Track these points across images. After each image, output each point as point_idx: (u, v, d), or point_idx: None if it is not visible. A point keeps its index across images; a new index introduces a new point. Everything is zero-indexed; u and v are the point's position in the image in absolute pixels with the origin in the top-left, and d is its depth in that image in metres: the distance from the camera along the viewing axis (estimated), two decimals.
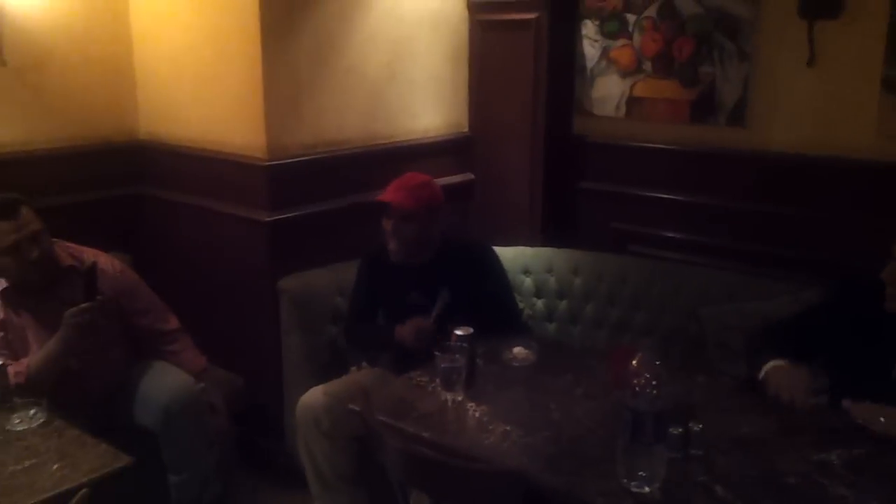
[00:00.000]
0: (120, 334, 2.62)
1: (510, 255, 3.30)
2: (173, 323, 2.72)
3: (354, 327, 2.75)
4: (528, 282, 3.31)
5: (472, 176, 3.63)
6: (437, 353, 2.04)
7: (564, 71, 3.41)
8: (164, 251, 3.32)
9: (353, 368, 2.83)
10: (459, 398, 2.03)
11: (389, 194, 2.53)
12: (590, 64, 3.38)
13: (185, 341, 2.73)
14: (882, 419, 1.82)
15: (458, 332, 2.15)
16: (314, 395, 2.57)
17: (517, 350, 2.30)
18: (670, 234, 3.27)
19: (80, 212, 3.09)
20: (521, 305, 3.22)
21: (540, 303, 3.31)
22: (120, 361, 2.62)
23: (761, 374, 2.10)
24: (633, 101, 3.28)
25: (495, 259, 2.68)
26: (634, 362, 1.68)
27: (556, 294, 3.29)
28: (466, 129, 3.64)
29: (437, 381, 2.08)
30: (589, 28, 3.36)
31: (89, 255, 2.57)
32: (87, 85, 3.17)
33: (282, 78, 2.87)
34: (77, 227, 2.91)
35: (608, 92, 3.34)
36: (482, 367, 2.22)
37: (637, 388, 1.65)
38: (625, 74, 3.28)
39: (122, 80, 3.28)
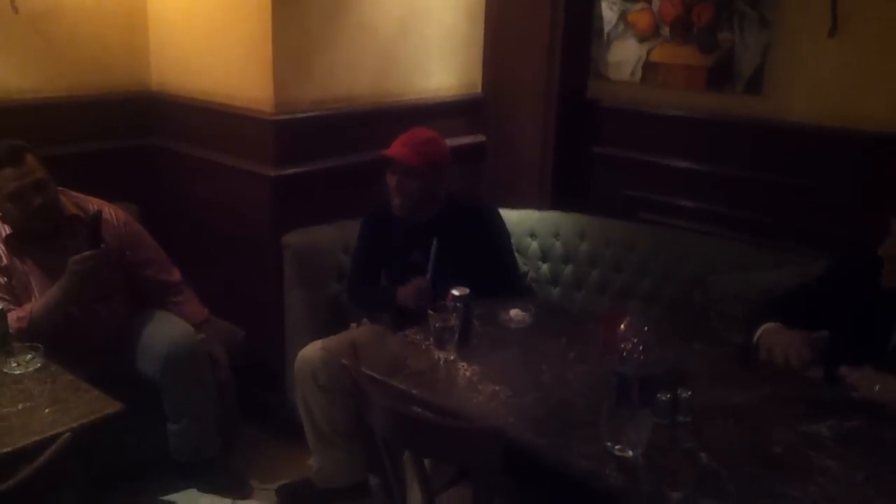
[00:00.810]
0: (123, 284, 2.64)
1: (516, 218, 3.27)
2: (176, 275, 2.74)
3: (357, 287, 2.74)
4: (533, 245, 3.29)
5: (484, 138, 3.59)
6: (430, 311, 2.03)
7: (581, 33, 3.35)
8: (171, 203, 3.34)
9: (353, 325, 2.84)
10: (452, 357, 2.03)
11: (394, 149, 2.51)
12: (607, 27, 3.31)
13: (188, 293, 2.75)
14: (878, 387, 1.79)
15: (455, 292, 2.14)
16: (312, 350, 2.58)
17: (514, 312, 2.28)
18: (682, 203, 3.22)
19: (90, 161, 3.10)
20: (525, 269, 3.20)
21: (545, 267, 3.29)
22: (122, 311, 2.64)
23: (755, 338, 2.07)
24: (649, 67, 3.22)
25: (499, 220, 2.66)
26: (622, 326, 1.66)
27: (562, 258, 3.26)
28: (479, 90, 3.59)
29: (431, 339, 2.08)
30: None
31: (94, 204, 2.58)
32: (100, 33, 3.16)
33: (292, 31, 2.84)
34: (86, 177, 2.94)
35: (624, 56, 3.28)
36: (478, 328, 2.21)
37: (624, 353, 1.63)
38: (642, 39, 3.21)
39: (135, 29, 3.27)
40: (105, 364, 2.54)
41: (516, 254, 3.16)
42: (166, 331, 2.58)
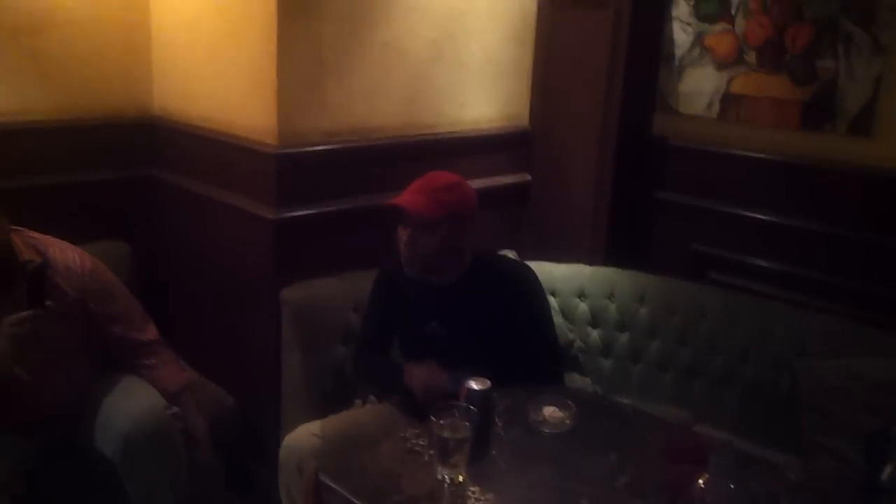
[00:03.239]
0: (84, 343, 2.22)
1: (564, 274, 2.78)
2: (151, 333, 2.31)
3: (362, 357, 2.27)
4: (582, 307, 2.78)
5: (529, 177, 3.10)
6: (432, 417, 1.54)
7: (647, 59, 2.85)
8: (165, 244, 2.93)
9: (358, 402, 2.37)
10: (460, 479, 1.53)
11: (406, 196, 2.05)
12: (679, 52, 2.80)
13: (165, 355, 2.32)
14: None
15: (473, 386, 1.65)
16: (302, 436, 2.12)
17: (549, 411, 1.78)
18: (762, 263, 2.68)
19: (79, 193, 2.74)
20: (570, 336, 2.69)
21: (595, 333, 2.77)
22: (83, 374, 2.22)
23: (886, 474, 1.54)
24: (729, 99, 2.70)
25: (538, 287, 2.15)
26: (700, 483, 1.14)
27: (616, 325, 2.75)
28: (526, 123, 3.11)
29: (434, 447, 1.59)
30: (681, 8, 2.79)
31: (55, 249, 2.17)
32: (96, 51, 2.79)
33: (301, 53, 2.41)
34: (73, 210, 2.65)
35: (699, 87, 2.76)
36: (500, 432, 1.71)
37: None
38: (722, 66, 2.70)
39: (136, 48, 2.89)
40: (59, 436, 2.18)
41: (562, 317, 2.67)
42: (129, 404, 2.15)
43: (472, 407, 1.59)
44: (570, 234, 2.98)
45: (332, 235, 2.56)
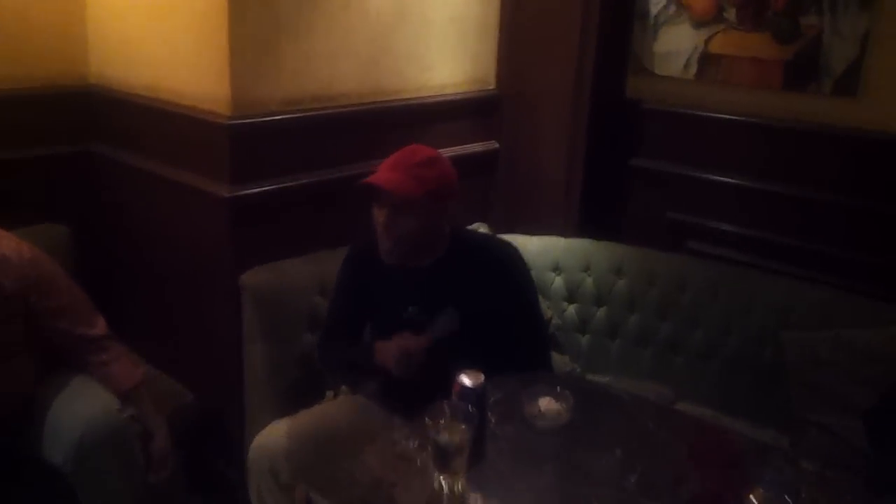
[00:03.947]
0: (26, 342, 2.01)
1: (537, 247, 2.66)
2: (100, 327, 2.10)
3: (328, 344, 2.11)
4: (558, 281, 2.66)
5: (497, 145, 2.94)
6: (427, 418, 1.39)
7: (620, 17, 2.70)
8: (110, 225, 2.70)
9: (329, 394, 2.21)
10: (459, 486, 1.40)
11: (381, 174, 1.86)
12: (654, 9, 2.67)
13: (116, 350, 2.11)
14: None
15: (466, 382, 1.51)
16: (273, 436, 1.95)
17: (545, 403, 1.65)
18: (742, 231, 2.59)
19: (8, 172, 2.49)
20: (549, 313, 2.57)
21: (572, 308, 2.66)
22: (25, 375, 2.02)
23: None
24: (707, 59, 2.57)
25: (523, 266, 2.01)
26: (753, 499, 1.02)
27: (593, 299, 2.64)
28: (493, 86, 2.94)
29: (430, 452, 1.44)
30: None
31: None
32: (24, 14, 2.51)
33: (255, 12, 2.19)
34: (4, 192, 2.41)
35: (676, 46, 2.63)
36: (493, 429, 1.58)
37: None
38: (700, 24, 2.57)
39: (68, 8, 2.61)
40: (3, 445, 1.98)
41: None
42: (81, 407, 1.97)
43: (469, 406, 1.45)
44: (541, 205, 2.85)
45: (293, 213, 2.38)
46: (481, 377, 1.53)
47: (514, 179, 2.90)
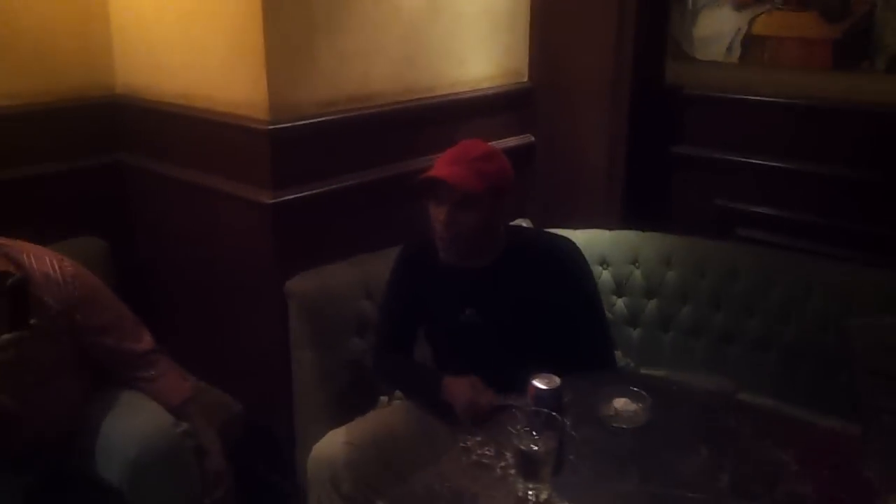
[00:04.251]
0: (73, 359, 1.96)
1: (582, 241, 2.49)
2: (147, 342, 2.05)
3: (386, 357, 2.04)
4: (605, 275, 2.60)
5: (532, 138, 2.88)
6: (510, 428, 1.34)
7: (658, 1, 2.63)
8: (146, 236, 2.65)
9: (384, 399, 2.16)
10: (545, 496, 1.34)
11: (442, 168, 1.79)
12: None
13: (164, 364, 2.07)
14: None
15: (540, 385, 1.45)
16: (332, 445, 1.89)
17: (621, 403, 1.59)
18: (794, 216, 2.51)
19: (39, 187, 2.44)
20: None
21: (621, 302, 2.59)
22: (74, 395, 1.97)
23: None
24: (752, 41, 2.50)
25: (584, 263, 1.94)
26: None
27: (643, 292, 2.57)
28: (526, 79, 2.88)
29: (509, 459, 1.39)
30: None
31: (30, 256, 1.88)
32: (46, 25, 2.46)
33: (289, 13, 2.13)
34: (34, 208, 2.38)
35: (717, 29, 2.56)
36: (570, 431, 1.52)
37: None
38: (742, 5, 2.50)
39: (91, 18, 2.56)
40: (53, 466, 1.94)
41: None
42: (135, 424, 1.91)
43: (548, 411, 1.39)
44: (582, 197, 2.78)
45: (335, 217, 2.32)
46: (556, 380, 1.47)
47: (552, 173, 2.84)
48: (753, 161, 2.55)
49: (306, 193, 2.24)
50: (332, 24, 2.23)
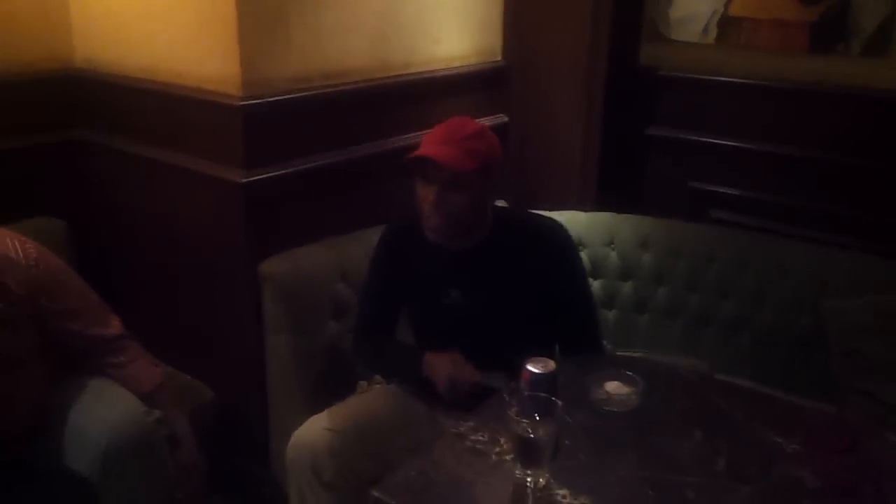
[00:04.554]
0: (38, 347, 1.86)
1: None
2: (115, 326, 1.97)
3: (366, 338, 2.00)
4: (581, 257, 2.57)
5: (506, 118, 2.84)
6: (510, 412, 1.31)
7: None
8: (108, 217, 2.54)
9: (363, 384, 2.11)
10: (542, 480, 1.31)
11: (432, 147, 1.74)
12: None
13: (133, 350, 1.98)
14: None
15: (535, 369, 1.42)
16: (312, 431, 1.84)
17: (612, 387, 1.57)
18: (768, 198, 2.54)
19: None
20: None
21: (597, 284, 2.58)
22: (40, 383, 1.88)
23: None
24: (727, 22, 2.50)
25: (571, 244, 1.92)
26: None
27: (619, 274, 2.57)
28: (499, 58, 2.83)
29: (505, 444, 1.36)
30: None
31: None
32: None
33: None
34: None
35: (693, 10, 2.56)
36: (565, 415, 1.49)
37: None
38: None
39: None
40: (19, 457, 1.84)
41: None
42: (104, 412, 1.83)
43: (545, 395, 1.36)
44: (556, 179, 2.76)
45: (309, 197, 2.26)
46: (551, 364, 1.44)
47: (526, 154, 2.81)
48: (728, 143, 2.56)
49: (279, 173, 2.17)
50: None
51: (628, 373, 1.59)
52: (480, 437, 1.45)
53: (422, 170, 1.75)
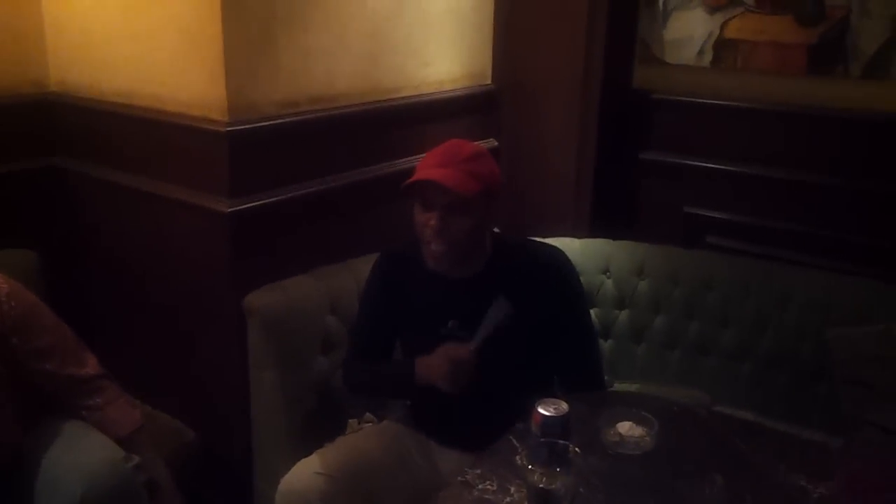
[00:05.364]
0: (9, 388, 1.75)
1: None
2: (91, 366, 1.85)
3: (356, 364, 1.90)
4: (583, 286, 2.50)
5: (497, 143, 2.77)
6: (523, 459, 1.22)
7: (627, 3, 2.56)
8: (84, 248, 2.43)
9: (353, 422, 2.01)
10: None
11: (433, 171, 1.66)
12: None
13: (111, 391, 1.87)
14: None
15: (546, 412, 1.33)
16: (303, 476, 1.74)
17: (625, 428, 1.49)
18: (765, 223, 2.48)
19: None
20: None
21: (592, 313, 2.49)
22: (9, 424, 1.76)
23: None
24: (723, 45, 2.45)
25: (574, 274, 1.84)
26: None
27: (615, 302, 2.49)
28: (489, 81, 2.77)
29: (515, 493, 1.27)
30: None
31: None
32: None
33: (249, 5, 1.97)
34: None
35: (688, 32, 2.51)
36: (579, 460, 1.40)
37: None
38: (714, 8, 2.45)
39: (21, 8, 2.33)
40: None
41: None
42: (80, 458, 1.72)
43: (560, 441, 1.27)
44: (549, 205, 2.69)
45: (297, 226, 2.16)
46: (563, 405, 1.36)
47: (518, 179, 2.73)
48: (724, 167, 2.51)
49: (266, 201, 2.07)
50: (294, 17, 2.07)
51: (642, 413, 1.50)
52: (489, 486, 1.36)
53: (421, 195, 1.67)
